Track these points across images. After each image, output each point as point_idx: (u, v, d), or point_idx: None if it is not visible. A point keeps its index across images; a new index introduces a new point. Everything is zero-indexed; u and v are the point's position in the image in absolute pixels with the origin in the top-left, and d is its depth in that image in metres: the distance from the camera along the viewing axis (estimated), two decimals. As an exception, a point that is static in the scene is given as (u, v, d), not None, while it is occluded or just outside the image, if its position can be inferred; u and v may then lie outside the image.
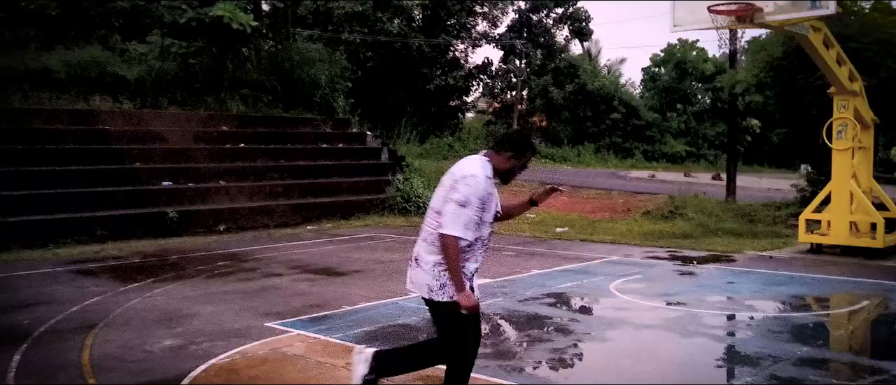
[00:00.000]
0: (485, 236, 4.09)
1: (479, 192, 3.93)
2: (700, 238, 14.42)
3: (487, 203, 4.00)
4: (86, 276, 10.05)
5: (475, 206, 3.92)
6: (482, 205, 3.96)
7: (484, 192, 3.96)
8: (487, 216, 4.05)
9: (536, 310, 7.93)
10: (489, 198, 4.01)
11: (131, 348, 6.33)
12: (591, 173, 33.78)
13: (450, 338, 4.15)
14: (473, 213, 3.92)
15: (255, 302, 8.29)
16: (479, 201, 3.94)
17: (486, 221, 4.05)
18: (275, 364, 5.89)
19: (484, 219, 4.02)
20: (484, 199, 3.97)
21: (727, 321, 7.60)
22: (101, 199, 14.37)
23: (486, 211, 4.02)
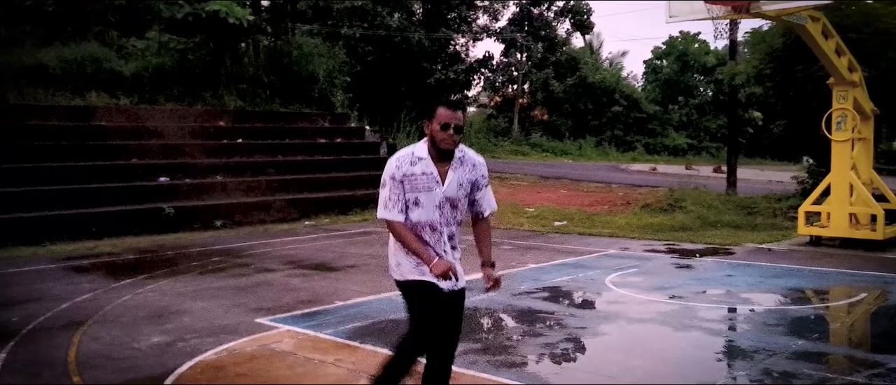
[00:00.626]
0: (434, 220, 3.88)
1: (388, 172, 3.87)
2: (699, 231, 14.34)
3: (410, 182, 3.83)
4: (78, 272, 10.00)
5: (389, 187, 3.86)
6: (401, 184, 3.83)
7: (393, 171, 3.85)
8: (420, 197, 3.85)
9: (530, 304, 7.86)
10: (412, 178, 3.83)
11: (119, 345, 6.27)
12: (591, 166, 33.66)
13: (412, 321, 4.04)
14: (388, 193, 3.86)
15: (247, 298, 8.22)
16: (390, 181, 3.85)
17: (421, 204, 3.85)
18: (263, 361, 5.82)
19: (413, 199, 3.85)
20: (398, 178, 3.83)
21: (723, 315, 7.51)
22: (96, 195, 14.31)
23: (412, 190, 3.84)
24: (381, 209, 3.93)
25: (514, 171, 27.41)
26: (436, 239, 3.92)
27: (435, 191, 3.87)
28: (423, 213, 3.88)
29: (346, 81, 23.89)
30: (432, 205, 3.87)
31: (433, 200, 3.87)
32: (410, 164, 3.87)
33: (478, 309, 7.60)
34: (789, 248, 12.10)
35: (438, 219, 3.91)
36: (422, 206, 3.87)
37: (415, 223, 3.89)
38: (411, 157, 3.90)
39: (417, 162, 3.88)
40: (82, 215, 13.61)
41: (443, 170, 3.89)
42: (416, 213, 3.88)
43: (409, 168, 3.86)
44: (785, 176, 22.09)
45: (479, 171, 4.03)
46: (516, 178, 25.40)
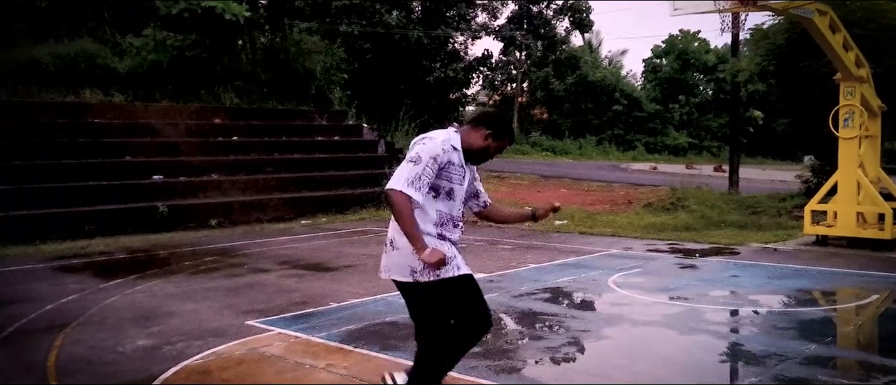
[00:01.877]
0: (455, 214, 3.81)
1: (432, 151, 3.62)
2: (702, 230, 14.09)
3: (447, 170, 3.68)
4: (67, 272, 9.74)
5: (425, 164, 3.58)
6: (438, 168, 3.63)
7: (439, 152, 3.63)
8: (455, 189, 3.76)
9: (531, 306, 7.60)
10: (449, 166, 3.69)
11: (101, 349, 6.01)
12: (592, 166, 33.40)
13: (431, 321, 3.85)
14: (422, 171, 3.57)
15: (238, 299, 7.96)
16: (431, 160, 3.60)
17: (454, 196, 3.77)
18: (250, 365, 5.57)
19: (446, 189, 3.73)
20: (440, 163, 3.63)
21: (730, 317, 7.25)
22: (89, 193, 14.05)
23: (447, 180, 3.71)
24: (403, 183, 3.55)
25: (513, 170, 27.13)
26: (456, 234, 3.87)
27: (462, 185, 3.82)
28: (452, 206, 3.80)
29: (344, 79, 23.62)
30: (459, 199, 3.83)
31: (460, 195, 3.83)
32: (452, 151, 3.74)
33: (476, 311, 7.33)
34: (795, 247, 11.84)
35: (461, 215, 3.89)
36: (454, 199, 3.79)
37: (442, 214, 3.76)
38: (451, 143, 3.75)
39: (453, 151, 3.74)
40: (75, 214, 13.35)
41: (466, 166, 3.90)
42: (446, 204, 3.76)
43: (451, 154, 3.72)
44: (787, 175, 21.85)
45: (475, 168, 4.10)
46: (516, 177, 25.13)
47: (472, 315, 3.91)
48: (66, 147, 14.83)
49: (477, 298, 3.93)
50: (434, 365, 3.96)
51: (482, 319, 3.95)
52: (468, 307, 3.89)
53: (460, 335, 3.91)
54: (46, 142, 14.67)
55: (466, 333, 3.94)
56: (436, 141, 3.68)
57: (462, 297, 3.85)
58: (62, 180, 13.90)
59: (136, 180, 15.08)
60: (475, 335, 3.98)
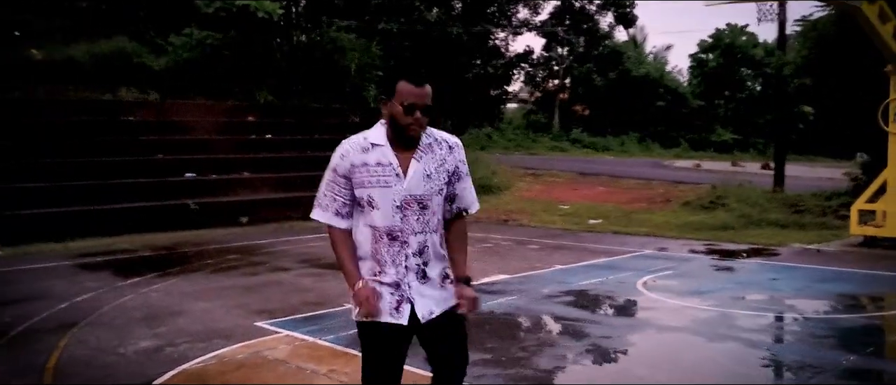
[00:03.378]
0: (394, 227, 2.90)
1: (333, 160, 2.94)
2: (741, 230, 13.55)
3: (358, 175, 2.90)
4: (87, 270, 9.70)
5: (327, 180, 2.97)
6: (343, 178, 2.92)
7: (336, 160, 2.93)
8: (374, 195, 2.89)
9: (551, 309, 7.26)
10: (361, 168, 2.89)
11: (104, 351, 5.86)
12: (633, 163, 32.71)
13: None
14: (323, 188, 2.97)
15: (252, 298, 7.79)
16: (331, 173, 2.95)
17: (375, 204, 2.89)
18: (250, 370, 5.35)
19: (366, 199, 2.90)
20: (342, 170, 2.91)
21: (765, 323, 6.80)
22: (121, 190, 14.10)
23: (361, 185, 2.90)
24: (314, 208, 3.01)
25: (550, 167, 26.68)
26: (396, 251, 2.91)
27: (393, 186, 2.89)
28: (379, 217, 2.90)
29: (379, 76, 23.42)
30: (391, 205, 2.89)
31: (392, 199, 2.89)
32: (361, 152, 2.91)
33: (494, 314, 7.03)
34: (840, 248, 11.26)
35: (401, 225, 2.90)
36: (377, 207, 2.90)
37: (373, 229, 2.93)
38: (363, 142, 2.94)
39: (371, 149, 2.91)
40: (106, 211, 13.41)
41: (404, 159, 2.91)
42: (370, 216, 2.91)
43: (360, 156, 2.90)
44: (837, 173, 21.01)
45: (456, 156, 3.02)
46: (553, 174, 24.66)
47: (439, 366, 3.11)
48: (100, 145, 14.91)
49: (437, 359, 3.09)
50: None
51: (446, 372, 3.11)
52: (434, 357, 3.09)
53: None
54: (81, 140, 14.76)
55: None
56: (339, 147, 2.98)
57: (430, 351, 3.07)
58: (95, 178, 13.96)
59: (168, 178, 15.09)
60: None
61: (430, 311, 2.96)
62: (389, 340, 2.96)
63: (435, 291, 2.99)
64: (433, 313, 2.96)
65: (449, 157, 3.01)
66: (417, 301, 2.94)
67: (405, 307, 2.93)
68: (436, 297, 2.99)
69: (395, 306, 2.92)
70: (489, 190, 19.98)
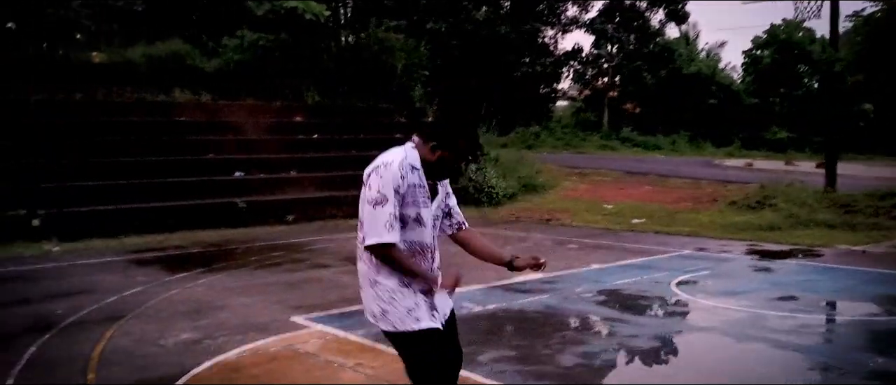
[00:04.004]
0: (427, 243, 3.19)
1: (393, 182, 3.07)
2: (787, 230, 13.33)
3: (411, 195, 3.12)
4: (138, 265, 10.11)
5: (392, 202, 3.07)
6: (402, 197, 3.10)
7: (399, 181, 3.08)
8: (422, 214, 3.15)
9: (581, 308, 7.34)
10: (412, 189, 3.12)
11: (146, 342, 6.17)
12: (683, 162, 32.27)
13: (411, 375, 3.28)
14: (392, 210, 3.08)
15: (292, 294, 8.04)
16: (394, 194, 3.07)
17: (423, 221, 3.16)
18: (282, 362, 5.58)
19: (414, 216, 3.13)
20: (403, 191, 3.09)
21: (795, 324, 6.74)
22: (173, 189, 14.56)
23: (413, 205, 3.13)
24: (384, 232, 3.05)
25: (598, 166, 26.54)
26: (430, 263, 3.23)
27: (429, 207, 3.19)
28: (423, 233, 3.18)
29: (426, 76, 23.65)
30: (429, 224, 3.20)
31: (429, 218, 3.19)
32: (411, 172, 3.13)
33: (524, 313, 7.15)
34: (888, 250, 11.03)
35: (432, 241, 3.24)
36: (423, 224, 3.17)
37: (417, 244, 3.18)
38: (406, 164, 3.13)
39: (412, 171, 3.13)
40: (158, 209, 13.87)
41: (431, 184, 3.22)
42: (415, 232, 3.16)
43: (411, 177, 3.13)
44: (894, 172, 20.46)
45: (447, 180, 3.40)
46: (600, 173, 24.53)
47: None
48: (155, 144, 15.45)
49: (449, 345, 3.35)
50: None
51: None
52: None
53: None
54: (135, 139, 15.33)
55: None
56: (392, 167, 3.11)
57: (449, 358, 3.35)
58: (148, 176, 14.47)
59: (217, 177, 15.55)
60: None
61: (445, 314, 3.28)
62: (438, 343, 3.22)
63: (445, 295, 3.30)
64: (446, 315, 3.28)
65: (445, 181, 3.37)
66: (438, 306, 3.24)
67: (437, 313, 3.22)
68: (447, 300, 3.31)
69: (431, 311, 3.19)
70: (533, 189, 20.03)
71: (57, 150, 13.89)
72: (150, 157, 15.03)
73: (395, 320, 3.13)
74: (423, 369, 3.21)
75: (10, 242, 11.55)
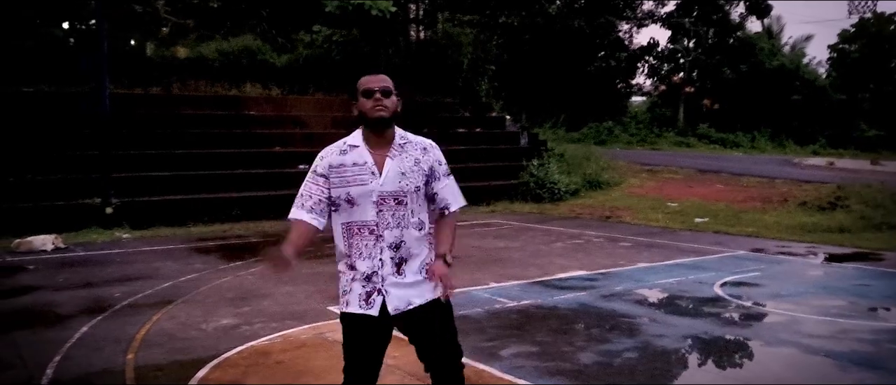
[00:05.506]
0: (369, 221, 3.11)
1: (314, 163, 3.23)
2: (857, 233, 12.84)
3: (337, 175, 3.14)
4: (199, 253, 10.59)
5: (307, 180, 3.21)
6: (326, 177, 3.15)
7: (317, 160, 3.21)
8: (352, 192, 3.11)
9: (615, 307, 7.31)
10: (340, 170, 3.14)
11: (188, 326, 6.51)
12: (761, 160, 31.29)
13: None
14: (303, 189, 3.21)
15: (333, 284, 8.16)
16: (311, 174, 3.20)
17: (355, 201, 3.11)
18: (309, 349, 5.81)
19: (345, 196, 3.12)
20: (321, 170, 3.17)
21: (834, 329, 6.54)
22: (240, 180, 15.16)
23: (341, 185, 3.13)
24: (292, 209, 3.22)
25: (669, 163, 26.03)
26: (371, 245, 3.12)
27: (369, 184, 3.10)
28: (359, 212, 3.12)
29: (492, 70, 23.70)
30: (368, 202, 3.11)
31: (369, 196, 3.10)
32: (339, 154, 3.18)
33: (557, 309, 7.18)
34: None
35: (377, 219, 3.11)
36: (357, 204, 3.12)
37: (351, 225, 3.15)
38: (342, 145, 3.23)
39: (349, 151, 3.18)
40: (224, 199, 14.46)
41: (379, 158, 3.14)
42: (351, 212, 3.14)
43: (338, 158, 3.17)
44: None
45: (432, 156, 3.26)
46: (670, 170, 24.07)
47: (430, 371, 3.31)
48: (223, 137, 16.08)
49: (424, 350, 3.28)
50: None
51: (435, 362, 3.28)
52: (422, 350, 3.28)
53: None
54: (206, 132, 15.97)
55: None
56: (321, 151, 3.28)
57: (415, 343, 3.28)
58: (217, 168, 15.10)
59: (282, 169, 16.02)
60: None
61: (408, 303, 3.13)
62: (361, 330, 3.18)
63: (414, 284, 3.15)
64: (411, 305, 3.14)
65: (423, 158, 3.23)
66: (390, 294, 3.12)
67: (376, 299, 3.12)
68: (415, 290, 3.15)
69: (364, 297, 3.14)
70: (597, 186, 19.85)
71: (133, 141, 14.61)
72: (220, 149, 15.65)
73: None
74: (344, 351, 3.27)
75: (85, 228, 12.27)
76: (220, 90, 18.30)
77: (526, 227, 13.73)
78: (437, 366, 3.28)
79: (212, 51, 19.10)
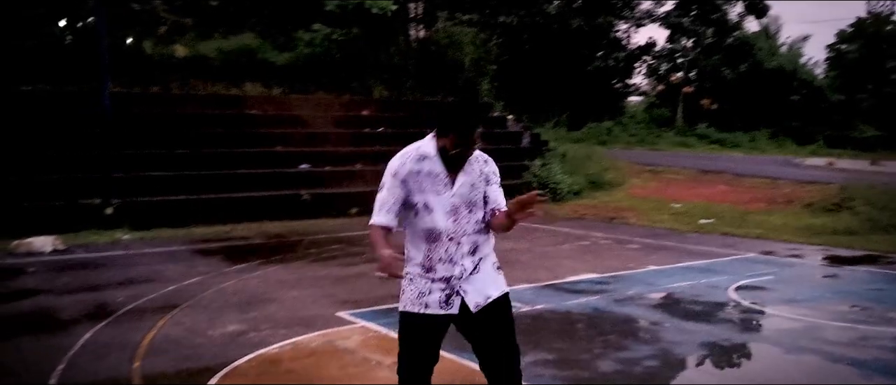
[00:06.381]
0: (439, 228, 3.33)
1: (392, 168, 3.39)
2: (865, 235, 12.72)
3: (415, 182, 3.34)
4: (202, 255, 10.42)
5: (388, 186, 3.38)
6: (400, 183, 3.34)
7: (396, 167, 3.37)
8: (430, 200, 3.33)
9: (630, 311, 7.18)
10: (416, 176, 3.34)
11: (195, 332, 6.35)
12: (761, 160, 31.20)
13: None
14: (385, 195, 3.38)
15: (341, 288, 8.15)
16: (391, 179, 3.37)
17: (431, 208, 3.33)
18: (320, 358, 5.66)
19: (422, 203, 3.34)
20: (401, 176, 3.34)
21: (855, 336, 6.41)
22: (242, 180, 14.95)
23: (418, 191, 3.33)
24: (375, 213, 3.41)
25: (671, 163, 25.93)
26: (452, 251, 3.37)
27: (443, 194, 3.35)
28: (434, 220, 3.36)
29: (493, 70, 23.56)
30: (444, 210, 3.35)
31: (444, 205, 3.35)
32: (416, 161, 3.37)
33: (571, 314, 7.04)
34: (971, 259, 10.39)
35: (454, 227, 3.36)
36: (433, 211, 3.35)
37: (428, 231, 3.38)
38: (416, 153, 3.39)
39: (423, 160, 3.37)
40: (226, 200, 14.25)
41: (452, 171, 3.38)
42: (426, 219, 3.37)
43: (416, 165, 3.36)
44: None
45: (489, 168, 3.50)
46: (672, 171, 23.97)
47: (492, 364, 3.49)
48: (224, 136, 15.87)
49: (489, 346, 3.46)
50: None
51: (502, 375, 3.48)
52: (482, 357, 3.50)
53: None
54: (207, 132, 15.77)
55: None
56: (398, 156, 3.42)
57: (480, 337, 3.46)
58: (218, 168, 14.89)
59: (284, 169, 15.86)
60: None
61: (487, 297, 3.40)
62: (432, 329, 3.41)
63: (489, 279, 3.44)
64: (490, 298, 3.41)
65: (484, 169, 3.49)
66: (469, 293, 3.38)
67: (455, 299, 3.38)
68: (491, 284, 3.44)
69: (444, 300, 3.38)
70: (600, 186, 19.71)
71: (132, 141, 14.42)
72: (221, 149, 15.45)
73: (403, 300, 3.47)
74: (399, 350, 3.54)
75: (85, 229, 12.07)
76: (220, 89, 18.09)
77: (531, 227, 13.54)
78: (499, 362, 3.48)
79: (211, 49, 18.92)
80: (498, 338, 3.45)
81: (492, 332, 3.44)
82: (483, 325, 3.42)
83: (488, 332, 3.44)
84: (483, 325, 3.42)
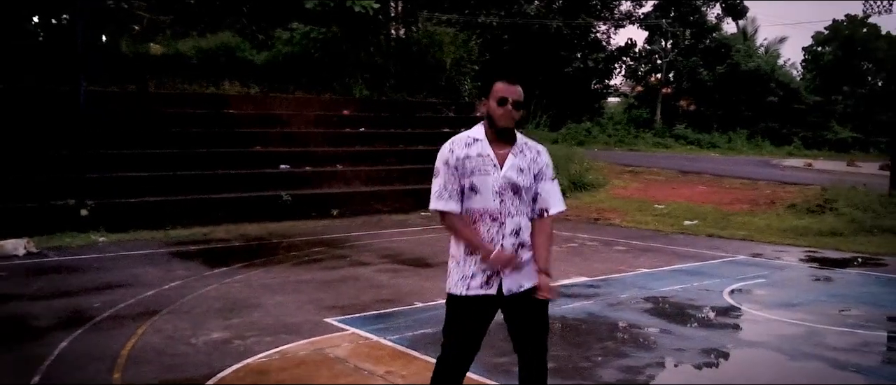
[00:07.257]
0: (490, 208, 3.42)
1: (442, 155, 3.48)
2: (850, 237, 12.72)
3: (465, 166, 3.42)
4: (180, 258, 10.10)
5: (442, 173, 3.46)
6: (454, 169, 3.42)
7: (447, 154, 3.47)
8: (476, 182, 3.40)
9: (626, 317, 7.01)
10: (465, 160, 3.42)
11: (177, 340, 6.07)
12: (740, 161, 31.37)
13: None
14: (443, 181, 3.44)
15: (326, 293, 7.90)
16: (444, 167, 3.45)
17: (478, 189, 3.41)
18: (309, 367, 5.41)
19: (469, 185, 3.41)
20: (453, 163, 3.43)
21: (857, 341, 6.31)
22: (220, 181, 14.61)
23: (468, 175, 3.41)
24: (434, 199, 3.47)
25: (651, 164, 25.93)
26: (496, 230, 3.44)
27: (492, 174, 3.42)
28: (481, 200, 3.43)
29: (475, 70, 23.37)
30: (491, 191, 3.42)
31: (491, 185, 3.42)
32: (465, 146, 3.48)
33: (566, 319, 6.86)
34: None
35: (499, 207, 3.43)
36: (479, 193, 3.43)
37: (473, 211, 3.46)
38: (467, 138, 3.52)
39: (473, 143, 3.49)
40: (205, 201, 13.90)
41: (501, 153, 3.46)
42: (473, 200, 3.44)
43: (464, 150, 3.46)
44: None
45: (542, 159, 3.55)
46: (652, 172, 23.96)
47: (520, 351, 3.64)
48: (202, 136, 15.49)
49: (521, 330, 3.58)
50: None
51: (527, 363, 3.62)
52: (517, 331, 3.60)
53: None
54: (183, 131, 15.40)
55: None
56: (444, 145, 3.53)
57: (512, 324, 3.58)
58: (195, 168, 14.53)
59: (264, 169, 15.54)
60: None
61: (520, 285, 3.46)
62: (478, 310, 3.47)
63: (525, 268, 3.47)
64: (522, 287, 3.46)
65: (537, 159, 3.54)
66: (506, 277, 3.43)
67: (495, 281, 3.43)
68: (526, 273, 3.47)
69: (485, 280, 3.44)
70: (582, 187, 19.61)
71: (107, 141, 14.03)
72: (199, 149, 15.08)
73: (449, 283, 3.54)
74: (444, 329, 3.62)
75: (59, 232, 11.69)
76: (198, 88, 17.71)
77: (516, 230, 13.42)
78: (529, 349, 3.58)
79: (189, 48, 18.51)
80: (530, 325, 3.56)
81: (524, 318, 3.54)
82: (518, 313, 3.52)
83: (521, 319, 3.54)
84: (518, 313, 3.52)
